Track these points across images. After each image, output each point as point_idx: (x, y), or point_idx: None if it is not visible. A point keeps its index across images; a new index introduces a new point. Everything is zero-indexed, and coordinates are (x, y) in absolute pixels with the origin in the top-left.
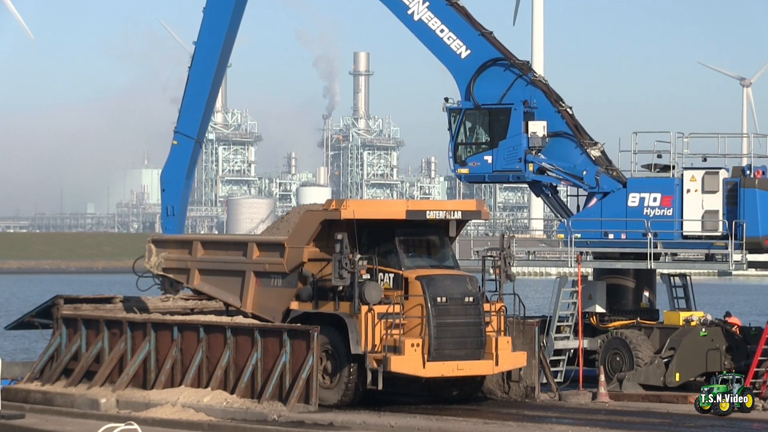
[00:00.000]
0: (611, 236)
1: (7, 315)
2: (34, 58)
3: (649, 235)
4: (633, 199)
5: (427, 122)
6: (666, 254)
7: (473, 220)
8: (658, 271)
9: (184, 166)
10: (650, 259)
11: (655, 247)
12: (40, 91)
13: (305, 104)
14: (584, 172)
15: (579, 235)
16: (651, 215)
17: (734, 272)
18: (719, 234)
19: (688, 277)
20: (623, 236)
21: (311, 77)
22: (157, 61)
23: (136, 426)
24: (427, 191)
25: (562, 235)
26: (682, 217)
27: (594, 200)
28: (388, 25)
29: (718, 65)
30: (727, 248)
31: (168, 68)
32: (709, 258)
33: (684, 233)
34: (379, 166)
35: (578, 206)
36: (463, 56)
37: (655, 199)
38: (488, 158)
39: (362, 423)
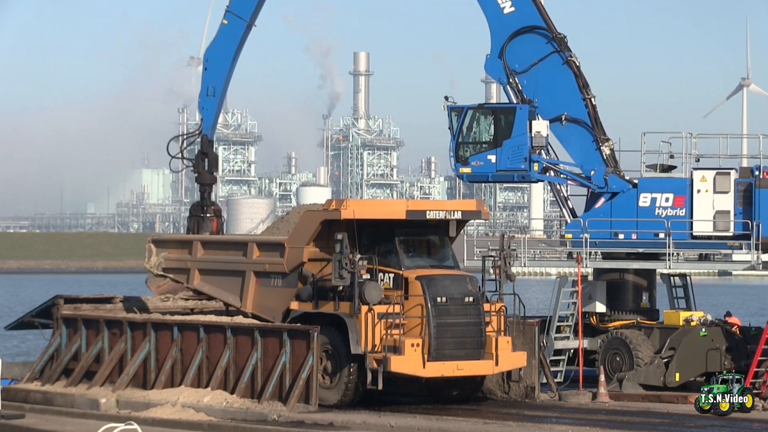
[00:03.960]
0: (621, 236)
1: (7, 315)
2: (34, 58)
3: (663, 235)
4: (644, 200)
5: (427, 122)
6: (678, 254)
7: (473, 220)
8: (658, 270)
9: (231, 46)
10: (669, 259)
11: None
12: (40, 91)
13: (305, 103)
14: (592, 172)
15: (587, 235)
16: (663, 215)
17: (734, 272)
18: (730, 234)
19: (688, 277)
20: (634, 236)
21: (309, 73)
22: (156, 60)
23: (136, 426)
24: (427, 191)
25: (570, 235)
26: (692, 218)
27: (602, 200)
28: (389, 25)
29: (719, 64)
30: (739, 248)
31: (166, 67)
32: (705, 257)
33: (693, 233)
34: (379, 166)
35: (573, 206)
36: (506, 12)
37: (667, 200)
38: (492, 158)
39: (362, 423)
